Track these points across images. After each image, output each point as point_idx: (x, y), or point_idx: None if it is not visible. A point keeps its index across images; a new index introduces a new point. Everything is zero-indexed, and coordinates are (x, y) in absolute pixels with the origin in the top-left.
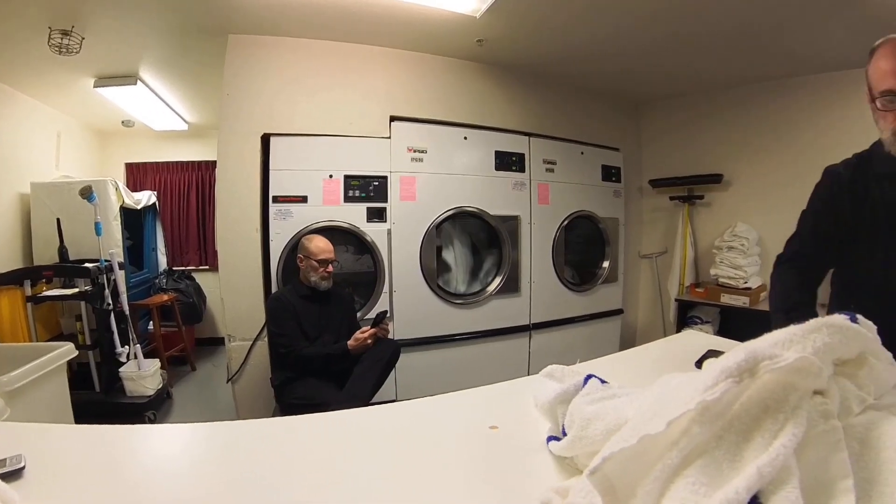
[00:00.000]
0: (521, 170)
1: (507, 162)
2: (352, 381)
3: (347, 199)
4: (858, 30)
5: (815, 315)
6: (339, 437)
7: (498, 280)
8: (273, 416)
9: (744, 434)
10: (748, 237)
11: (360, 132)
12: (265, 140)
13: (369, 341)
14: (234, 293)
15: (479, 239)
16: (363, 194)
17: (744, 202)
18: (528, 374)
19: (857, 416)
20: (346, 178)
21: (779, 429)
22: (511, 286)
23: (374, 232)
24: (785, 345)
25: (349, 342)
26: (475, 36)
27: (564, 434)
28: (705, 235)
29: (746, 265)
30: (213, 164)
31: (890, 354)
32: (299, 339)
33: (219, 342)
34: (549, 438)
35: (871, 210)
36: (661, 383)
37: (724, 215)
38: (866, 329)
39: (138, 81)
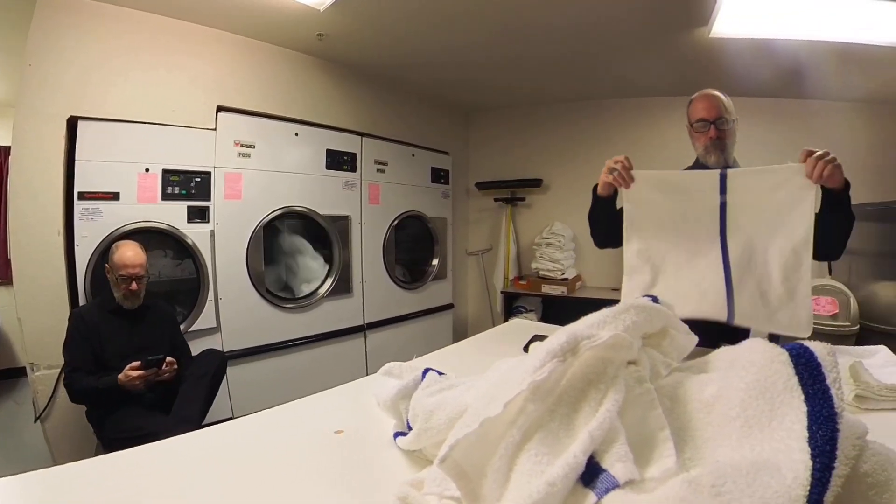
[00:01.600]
0: (353, 169)
1: (339, 161)
2: (177, 404)
3: (166, 196)
4: (667, 65)
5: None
6: (174, 468)
7: (329, 281)
8: (96, 454)
9: (573, 405)
10: (564, 234)
11: (182, 121)
12: (72, 124)
13: (137, 383)
14: (35, 311)
15: (309, 239)
16: (183, 191)
17: (560, 204)
18: (367, 375)
19: (666, 378)
20: (165, 172)
21: (602, 397)
22: (343, 287)
23: (195, 234)
24: (600, 325)
25: (119, 376)
26: (316, 29)
27: (410, 428)
28: (526, 233)
29: (563, 259)
30: (7, 150)
31: (686, 326)
32: (84, 366)
33: (20, 373)
34: (396, 434)
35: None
36: (494, 369)
37: (542, 215)
38: (666, 307)
39: None
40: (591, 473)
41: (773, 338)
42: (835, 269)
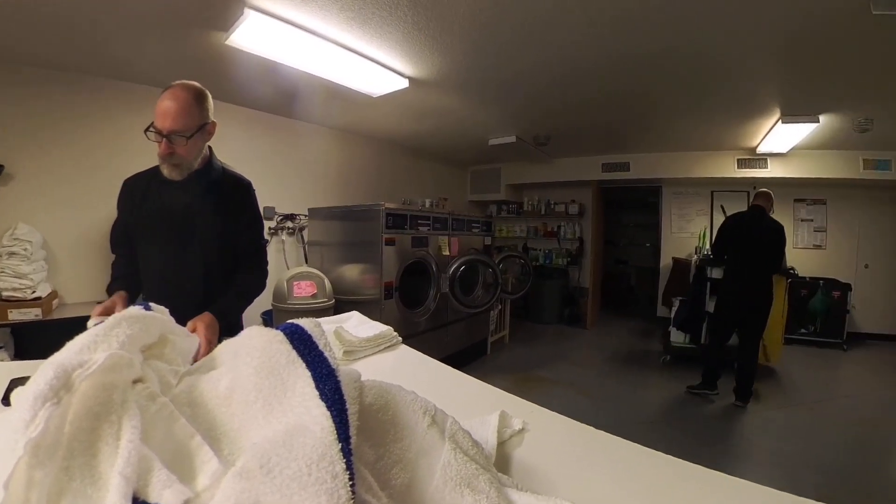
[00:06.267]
0: None
1: None
2: None
3: None
4: (176, 58)
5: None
6: None
7: None
8: None
9: (89, 451)
10: (32, 240)
11: None
12: None
13: None
14: None
15: None
16: None
17: (27, 199)
18: None
19: (179, 386)
20: None
21: (118, 429)
22: None
23: None
24: (92, 347)
25: None
26: None
27: None
28: None
29: (32, 272)
30: None
31: (184, 328)
32: None
33: None
34: None
35: (150, 212)
36: None
37: (1, 216)
38: (160, 313)
39: None
40: None
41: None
42: (309, 258)
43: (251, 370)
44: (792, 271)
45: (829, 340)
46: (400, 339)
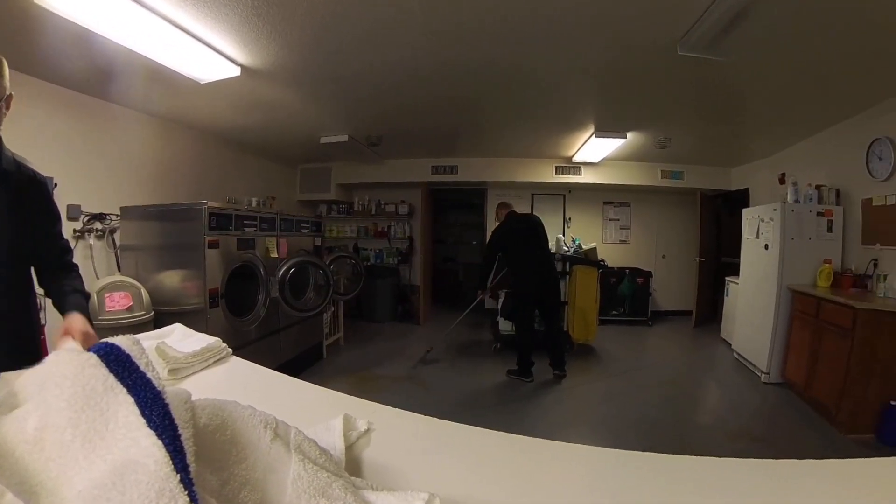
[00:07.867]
0: None
1: None
2: None
3: None
4: None
5: None
6: None
7: None
8: None
9: None
10: None
11: None
12: None
13: None
14: None
15: None
16: None
17: None
18: None
19: None
20: None
21: None
22: None
23: None
24: None
25: None
26: None
27: None
28: None
29: None
30: None
31: None
32: None
33: None
34: None
35: None
36: None
37: None
38: None
39: None
40: None
41: None
42: (123, 265)
43: (63, 403)
44: (602, 262)
45: (636, 319)
46: (230, 350)
